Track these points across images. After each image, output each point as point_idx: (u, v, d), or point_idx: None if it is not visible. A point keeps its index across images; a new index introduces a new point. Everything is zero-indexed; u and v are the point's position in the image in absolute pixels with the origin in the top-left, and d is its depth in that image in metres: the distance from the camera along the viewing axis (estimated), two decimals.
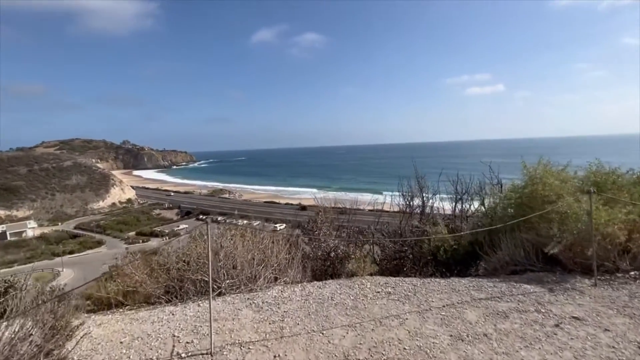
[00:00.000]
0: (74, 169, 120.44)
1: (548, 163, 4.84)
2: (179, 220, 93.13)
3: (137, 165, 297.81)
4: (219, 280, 4.11)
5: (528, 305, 3.56)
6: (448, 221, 6.32)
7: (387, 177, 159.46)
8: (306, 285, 4.46)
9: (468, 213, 6.65)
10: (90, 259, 64.76)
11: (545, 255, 4.30)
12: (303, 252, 6.09)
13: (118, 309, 4.20)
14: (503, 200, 5.22)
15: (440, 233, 5.22)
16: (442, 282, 4.26)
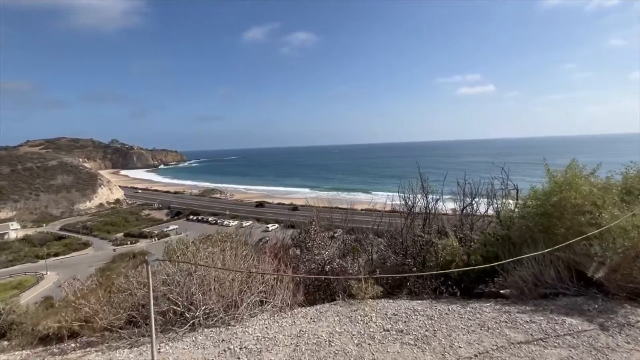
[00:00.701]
0: (60, 168, 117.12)
1: (577, 166, 4.22)
2: (168, 220, 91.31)
3: (126, 164, 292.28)
4: (193, 309, 3.38)
5: (584, 353, 2.75)
6: (454, 229, 5.70)
7: (378, 177, 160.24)
8: (297, 314, 3.70)
9: (477, 220, 6.05)
10: (76, 261, 62.82)
11: (579, 275, 3.72)
12: (294, 265, 5.41)
13: (70, 341, 3.43)
14: (523, 209, 4.61)
15: (451, 246, 4.59)
16: (464, 313, 3.53)
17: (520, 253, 3.96)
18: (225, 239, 4.43)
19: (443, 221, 6.14)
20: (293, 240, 5.56)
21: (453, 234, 4.84)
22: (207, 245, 3.97)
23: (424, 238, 5.37)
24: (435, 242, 4.94)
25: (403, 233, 6.16)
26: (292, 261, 5.45)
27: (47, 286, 52.41)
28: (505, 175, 5.99)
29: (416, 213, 6.56)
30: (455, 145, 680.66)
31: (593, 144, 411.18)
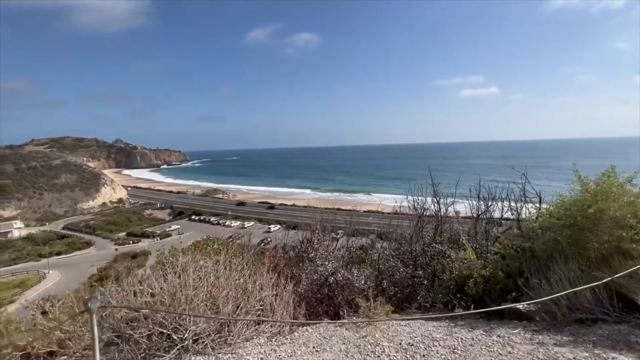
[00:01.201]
0: (64, 167, 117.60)
1: (614, 173, 3.74)
2: (171, 220, 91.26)
3: (130, 164, 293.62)
4: (181, 330, 3.00)
5: None
6: (468, 237, 5.27)
7: (380, 179, 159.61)
8: (298, 340, 3.25)
9: (492, 227, 5.61)
10: (78, 261, 62.82)
11: (619, 297, 3.28)
12: (296, 277, 5.01)
13: None
14: (548, 219, 4.15)
15: (468, 259, 4.14)
16: (491, 344, 3.00)
17: (546, 269, 3.54)
18: (220, 248, 4.03)
19: (456, 228, 5.70)
20: (294, 249, 5.17)
21: (469, 244, 4.42)
22: (200, 256, 3.58)
23: (436, 248, 4.96)
24: (450, 254, 4.51)
25: (412, 241, 5.75)
26: (294, 272, 5.06)
27: (49, 285, 52.35)
28: (524, 179, 5.53)
29: (426, 218, 6.13)
30: (458, 147, 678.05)
31: (598, 147, 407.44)
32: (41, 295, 46.28)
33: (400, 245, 7.89)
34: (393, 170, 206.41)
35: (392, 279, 4.92)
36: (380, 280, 5.11)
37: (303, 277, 4.59)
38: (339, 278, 4.68)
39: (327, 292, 4.75)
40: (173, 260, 3.24)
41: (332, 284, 4.72)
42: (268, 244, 65.38)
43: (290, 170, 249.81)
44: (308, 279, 4.60)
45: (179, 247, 5.15)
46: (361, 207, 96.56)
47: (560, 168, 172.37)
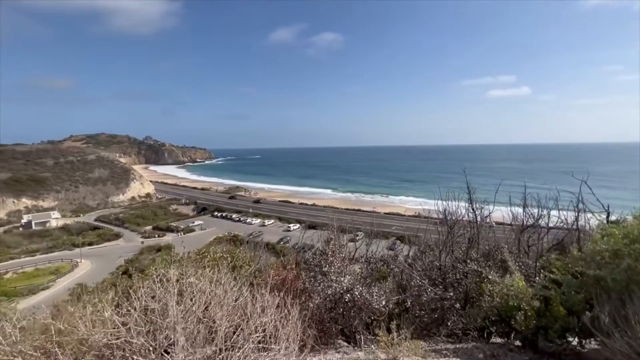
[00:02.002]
0: (97, 162, 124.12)
1: None
2: (194, 216, 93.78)
3: (158, 160, 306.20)
4: None
5: None
6: (511, 253, 4.47)
7: (401, 181, 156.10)
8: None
9: (535, 242, 4.78)
10: (107, 251, 65.86)
11: None
12: (306, 289, 4.46)
13: None
14: (622, 241, 3.31)
15: (515, 287, 3.37)
16: None
17: (621, 305, 2.76)
18: (221, 259, 3.54)
19: (494, 242, 4.91)
20: (306, 263, 4.61)
21: (516, 266, 3.63)
22: (195, 270, 3.11)
23: (470, 267, 4.24)
24: (487, 275, 3.76)
25: (441, 256, 5.04)
26: (305, 284, 4.52)
27: (81, 273, 55.17)
28: (586, 189, 4.64)
29: (458, 229, 5.38)
30: (483, 149, 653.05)
31: None
32: (73, 282, 48.85)
33: (424, 255, 7.13)
34: (414, 172, 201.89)
35: (418, 300, 4.26)
36: (403, 299, 4.46)
37: (316, 292, 4.04)
38: (356, 296, 4.08)
39: (342, 311, 4.17)
40: (161, 274, 2.78)
41: (348, 302, 4.14)
42: (287, 243, 65.56)
43: (311, 169, 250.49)
44: (320, 295, 4.05)
45: (186, 250, 4.71)
46: (381, 208, 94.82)
47: (600, 174, 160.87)
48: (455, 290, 4.87)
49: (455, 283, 4.89)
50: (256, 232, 69.99)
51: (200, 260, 3.91)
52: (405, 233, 62.44)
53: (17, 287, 46.79)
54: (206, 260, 3.82)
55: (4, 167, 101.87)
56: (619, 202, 5.04)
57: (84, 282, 47.58)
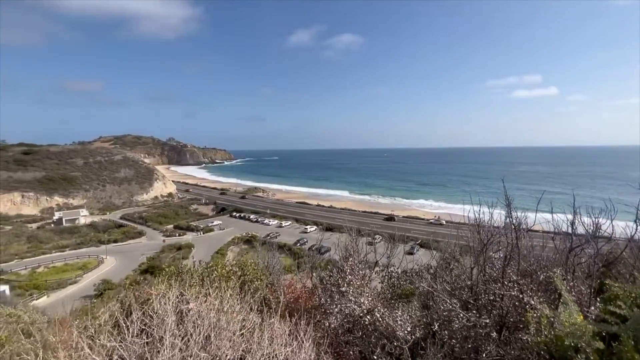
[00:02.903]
0: (123, 162, 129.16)
1: None
2: (214, 216, 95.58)
3: (180, 161, 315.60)
4: None
5: None
6: (560, 281, 3.83)
7: (420, 185, 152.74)
8: None
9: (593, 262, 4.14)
10: (131, 249, 68.16)
11: None
12: (321, 305, 4.06)
13: None
14: None
15: (572, 323, 2.78)
16: None
17: None
18: (230, 273, 3.19)
19: (536, 259, 4.31)
20: (322, 281, 4.20)
21: (571, 296, 3.04)
22: (197, 294, 2.77)
23: (508, 290, 3.68)
24: (528, 301, 3.19)
25: (473, 274, 4.49)
26: (321, 301, 4.12)
27: (106, 269, 57.33)
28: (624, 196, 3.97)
29: (493, 244, 4.79)
30: (509, 152, 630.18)
31: None
32: (98, 278, 50.82)
33: (450, 267, 6.56)
34: (434, 175, 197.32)
35: (448, 327, 3.75)
36: (430, 323, 3.97)
37: (332, 314, 3.63)
38: (377, 318, 3.64)
39: (362, 334, 3.74)
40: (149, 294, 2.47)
41: (369, 325, 3.71)
42: (304, 244, 65.36)
43: (328, 171, 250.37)
44: (337, 318, 3.64)
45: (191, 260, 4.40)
46: (400, 211, 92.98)
47: (632, 179, 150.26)
48: (489, 314, 4.32)
49: (489, 306, 4.33)
50: (273, 233, 70.30)
51: (208, 275, 3.61)
52: (425, 237, 60.88)
53: (47, 280, 49.22)
54: (214, 276, 3.49)
55: (39, 167, 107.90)
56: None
57: (108, 278, 49.54)
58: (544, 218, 5.62)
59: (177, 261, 59.48)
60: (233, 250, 65.31)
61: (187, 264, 4.07)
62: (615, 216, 5.09)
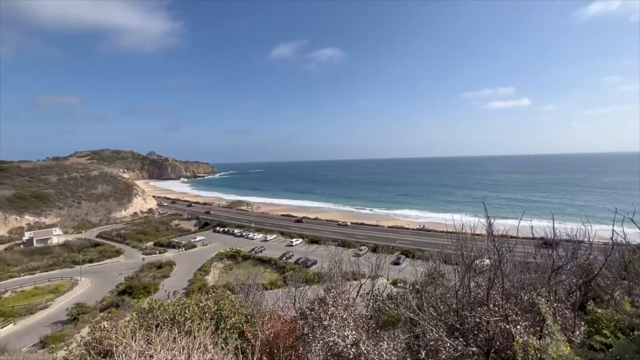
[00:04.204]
0: (101, 178, 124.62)
1: None
2: (196, 231, 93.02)
3: (161, 175, 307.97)
4: None
5: None
6: (545, 306, 3.74)
7: (403, 196, 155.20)
8: None
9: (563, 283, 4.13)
10: (108, 269, 64.96)
11: None
12: (303, 336, 3.84)
13: None
14: None
15: (559, 355, 2.68)
16: None
17: None
18: (205, 308, 2.96)
19: (519, 283, 4.28)
20: (302, 315, 4.00)
21: (557, 325, 2.96)
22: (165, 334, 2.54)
23: (494, 315, 3.61)
24: (524, 339, 3.07)
25: (459, 296, 4.40)
26: (302, 334, 3.90)
27: (81, 292, 54.23)
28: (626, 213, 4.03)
29: (475, 263, 4.75)
30: (484, 161, 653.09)
31: None
32: (72, 302, 47.87)
33: (436, 282, 6.49)
34: (416, 185, 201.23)
35: (436, 357, 3.61)
36: (418, 351, 3.82)
37: (315, 353, 3.42)
38: (363, 351, 3.46)
39: None
40: None
41: (353, 359, 3.52)
42: (290, 258, 64.33)
43: (313, 183, 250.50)
44: (320, 355, 3.43)
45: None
46: (385, 222, 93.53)
47: (604, 185, 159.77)
48: (475, 338, 4.23)
49: (475, 329, 4.25)
50: (258, 248, 68.95)
51: (180, 313, 3.34)
52: (410, 247, 61.29)
53: (14, 306, 45.88)
54: (186, 315, 3.24)
55: (8, 184, 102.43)
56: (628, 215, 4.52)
57: (82, 301, 46.76)
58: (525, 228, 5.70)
59: (158, 280, 57.08)
60: (217, 266, 63.40)
61: (158, 301, 3.78)
62: (594, 236, 5.21)
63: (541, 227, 6.67)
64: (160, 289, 50.79)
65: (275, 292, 38.86)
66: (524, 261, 5.85)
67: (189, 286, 51.41)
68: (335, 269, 4.51)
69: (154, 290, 50.23)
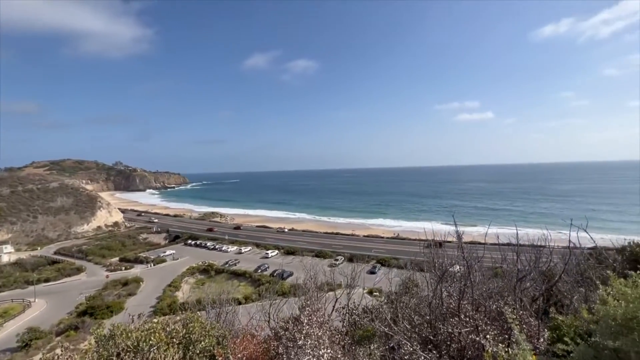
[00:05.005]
0: (60, 190, 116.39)
1: None
2: (166, 245, 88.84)
3: (129, 186, 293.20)
4: None
5: None
6: (511, 315, 3.90)
7: (378, 204, 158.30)
8: None
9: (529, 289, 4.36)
10: (67, 288, 60.12)
11: None
12: (277, 356, 3.72)
13: None
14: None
15: None
16: None
17: None
18: (172, 334, 2.78)
19: (487, 293, 4.43)
20: (276, 335, 3.88)
21: (522, 335, 3.08)
22: None
23: (465, 326, 3.70)
24: (494, 350, 3.16)
25: (432, 306, 4.48)
26: (277, 353, 3.77)
27: (34, 315, 49.73)
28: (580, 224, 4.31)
29: (448, 276, 4.89)
30: (454, 170, 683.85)
31: (594, 171, 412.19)
32: (23, 326, 43.57)
33: (410, 292, 6.59)
34: (390, 195, 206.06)
35: None
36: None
37: None
38: None
39: None
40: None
41: None
42: (265, 270, 62.94)
43: (289, 193, 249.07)
44: None
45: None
46: (360, 231, 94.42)
47: (560, 192, 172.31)
48: (448, 348, 4.31)
49: (448, 340, 4.33)
50: (232, 261, 66.90)
51: (145, 339, 3.12)
52: (386, 255, 62.10)
53: None
54: (152, 340, 3.02)
55: None
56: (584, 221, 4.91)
57: (35, 325, 42.68)
58: (492, 236, 5.98)
59: (123, 298, 53.45)
60: (188, 281, 60.65)
61: (120, 326, 3.51)
62: (553, 243, 5.55)
63: (505, 235, 7.03)
64: (125, 308, 47.67)
65: (250, 306, 37.68)
66: (493, 266, 6.09)
67: (158, 303, 48.70)
68: (310, 283, 4.45)
69: (118, 309, 47.01)
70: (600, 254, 5.82)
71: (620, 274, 4.05)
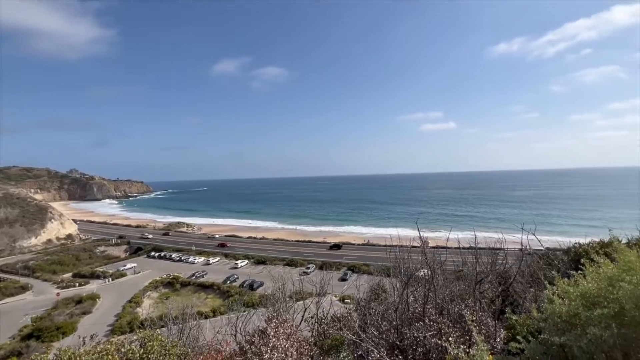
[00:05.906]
0: (4, 200, 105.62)
1: None
2: (127, 258, 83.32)
3: (85, 196, 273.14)
4: None
5: None
6: (470, 319, 4.10)
7: (349, 211, 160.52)
8: None
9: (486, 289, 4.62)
10: (9, 309, 54.14)
11: None
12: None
13: None
14: (581, 303, 3.11)
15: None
16: None
17: None
18: (128, 354, 2.59)
19: (449, 296, 4.63)
20: (242, 349, 3.74)
21: (480, 336, 3.24)
22: None
23: (429, 330, 3.83)
24: (455, 352, 3.29)
25: (399, 311, 4.60)
26: None
27: None
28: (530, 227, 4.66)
29: (414, 280, 5.05)
30: (422, 178, 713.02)
31: (543, 177, 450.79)
32: None
33: (379, 298, 6.70)
34: (359, 202, 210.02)
35: None
36: None
37: None
38: None
39: None
40: None
41: None
42: (234, 282, 61.00)
43: (259, 202, 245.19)
44: None
45: None
46: (331, 238, 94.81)
47: (515, 198, 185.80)
48: (414, 352, 4.42)
49: (414, 344, 4.44)
50: (199, 272, 64.12)
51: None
52: (356, 262, 62.75)
53: None
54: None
55: None
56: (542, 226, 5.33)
57: None
58: (453, 240, 6.29)
59: (77, 318, 49.08)
60: (151, 296, 57.14)
61: (69, 349, 3.20)
62: (507, 246, 5.96)
63: (466, 240, 7.39)
64: (79, 328, 43.84)
65: (217, 319, 36.16)
66: (455, 270, 6.35)
67: (117, 321, 45.32)
68: (278, 293, 4.38)
69: (70, 330, 43.06)
70: (548, 256, 6.32)
71: (565, 274, 4.44)
